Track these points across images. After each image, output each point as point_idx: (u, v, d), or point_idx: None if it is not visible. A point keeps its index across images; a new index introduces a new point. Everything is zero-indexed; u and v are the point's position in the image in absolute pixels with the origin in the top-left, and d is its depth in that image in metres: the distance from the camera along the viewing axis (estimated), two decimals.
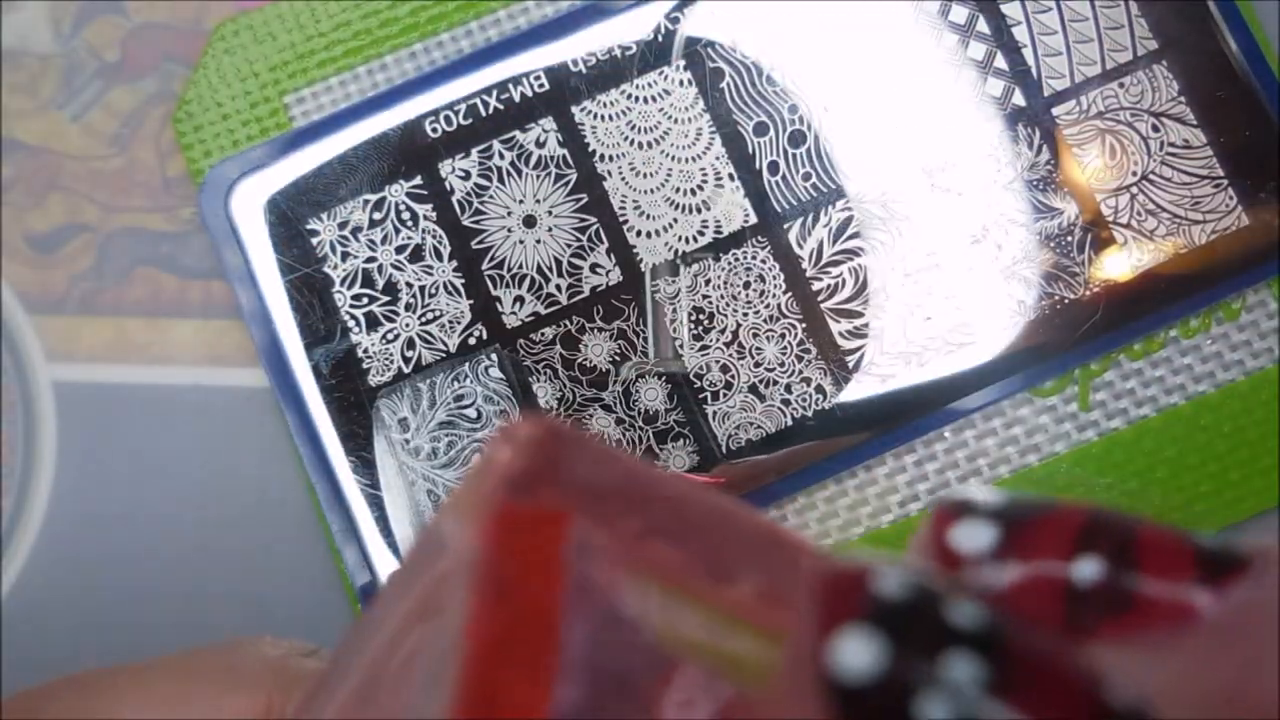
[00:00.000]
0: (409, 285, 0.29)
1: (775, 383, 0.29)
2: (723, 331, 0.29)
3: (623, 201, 0.29)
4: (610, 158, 0.29)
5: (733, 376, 0.29)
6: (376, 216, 0.29)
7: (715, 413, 0.28)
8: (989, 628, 0.08)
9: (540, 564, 0.11)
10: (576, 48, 0.30)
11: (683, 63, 0.30)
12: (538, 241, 0.29)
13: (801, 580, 0.10)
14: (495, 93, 0.29)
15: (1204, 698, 0.09)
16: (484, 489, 0.12)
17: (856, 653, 0.08)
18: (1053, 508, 0.10)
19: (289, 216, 0.29)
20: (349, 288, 0.29)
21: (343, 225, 0.29)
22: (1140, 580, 0.10)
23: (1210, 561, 0.10)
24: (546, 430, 0.12)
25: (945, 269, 0.29)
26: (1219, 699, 0.09)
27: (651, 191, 0.29)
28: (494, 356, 0.29)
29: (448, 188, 0.29)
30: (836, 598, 0.08)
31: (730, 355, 0.29)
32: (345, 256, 0.29)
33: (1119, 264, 0.29)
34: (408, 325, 0.29)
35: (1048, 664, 0.08)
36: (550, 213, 0.29)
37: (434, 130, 0.29)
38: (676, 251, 0.29)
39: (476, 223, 0.29)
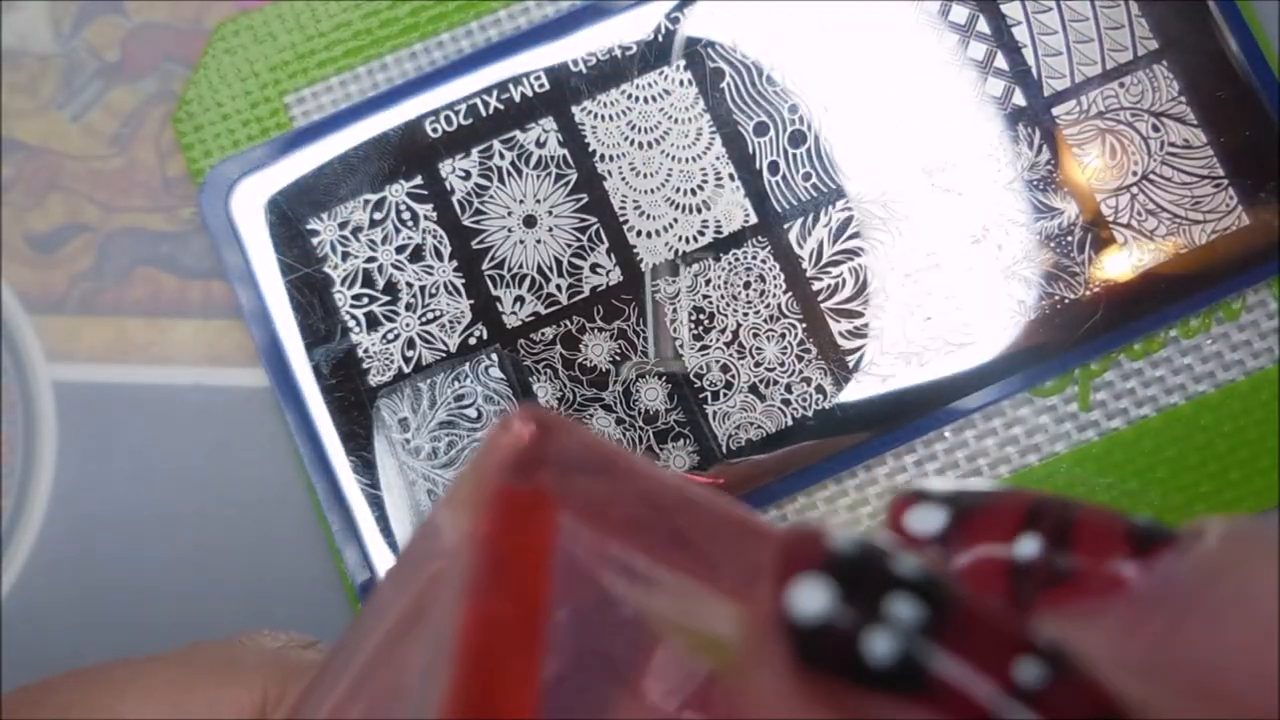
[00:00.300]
0: (409, 285, 0.29)
1: (775, 383, 0.29)
2: (723, 331, 0.29)
3: (623, 201, 0.29)
4: (610, 158, 0.29)
5: (733, 376, 0.29)
6: (377, 216, 0.29)
7: (715, 413, 0.28)
8: (929, 578, 0.09)
9: (533, 546, 0.12)
10: (577, 48, 0.30)
11: (683, 63, 0.30)
12: (538, 241, 0.29)
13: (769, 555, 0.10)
14: (495, 93, 0.29)
15: (1129, 658, 0.10)
16: (480, 476, 0.13)
17: (809, 597, 0.09)
18: (999, 495, 0.11)
19: (289, 216, 0.29)
20: (349, 288, 0.29)
21: (343, 225, 0.29)
22: (1075, 556, 0.10)
23: (1140, 538, 0.11)
24: (537, 420, 0.13)
25: (945, 269, 0.29)
26: (1143, 659, 0.10)
27: (652, 191, 0.29)
28: (494, 356, 0.29)
29: (448, 188, 0.29)
30: (794, 553, 0.09)
31: (730, 355, 0.29)
32: (345, 256, 0.29)
33: (1119, 264, 0.29)
34: (408, 325, 0.29)
35: (979, 610, 0.09)
36: (550, 213, 0.29)
37: (434, 130, 0.29)
38: (677, 251, 0.29)
39: (477, 223, 0.29)
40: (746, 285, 0.29)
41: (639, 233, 0.29)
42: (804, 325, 0.29)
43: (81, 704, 0.18)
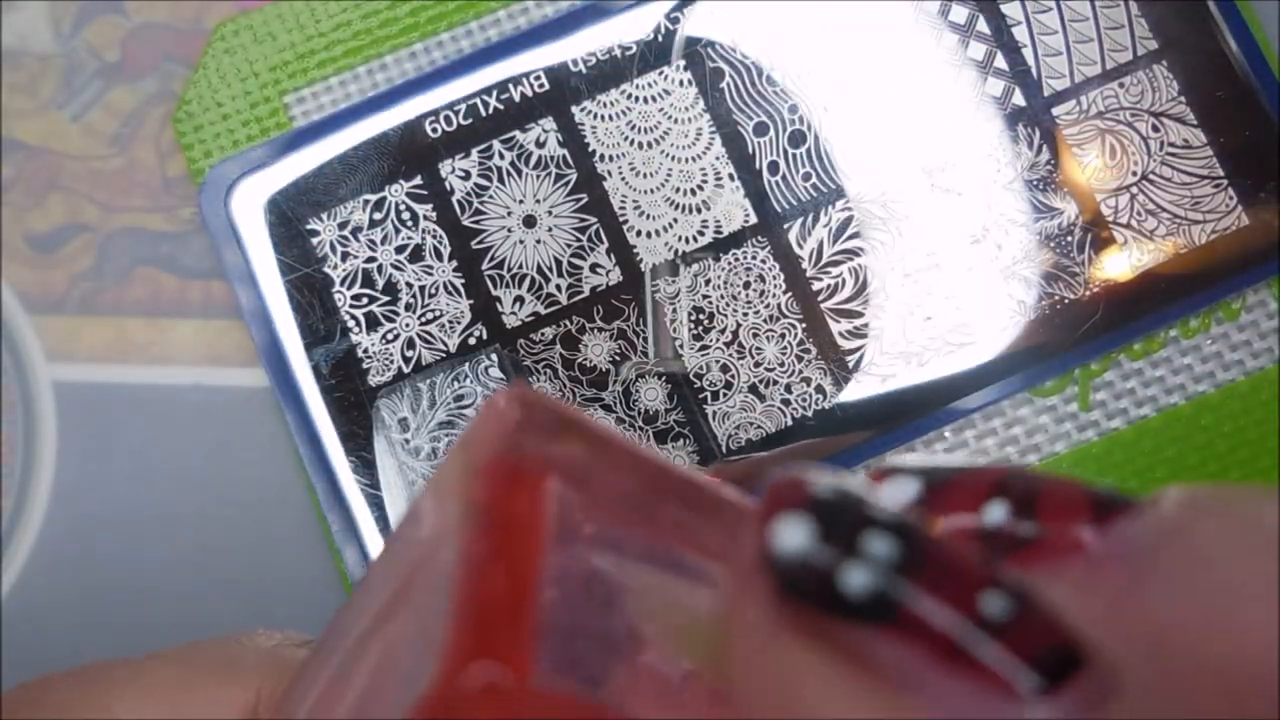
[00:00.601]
0: (409, 285, 0.29)
1: (775, 383, 0.29)
2: (723, 331, 0.29)
3: (623, 201, 0.29)
4: (610, 158, 0.29)
5: (733, 376, 0.29)
6: (376, 216, 0.29)
7: (715, 413, 0.28)
8: (902, 521, 0.10)
9: (526, 513, 0.12)
10: (576, 48, 0.30)
11: (683, 63, 0.30)
12: (538, 241, 0.29)
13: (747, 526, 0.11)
14: (495, 93, 0.29)
15: (1091, 617, 0.10)
16: (470, 454, 0.13)
17: (792, 534, 0.09)
18: (970, 470, 0.12)
19: (289, 216, 0.29)
20: (349, 288, 0.29)
21: (343, 225, 0.29)
22: (1039, 523, 0.11)
23: (1101, 504, 0.11)
24: (521, 397, 0.13)
25: (945, 269, 0.29)
26: (1103, 618, 0.10)
27: (651, 191, 0.29)
28: (494, 356, 0.29)
29: (448, 188, 0.29)
30: (778, 495, 0.10)
31: (730, 355, 0.29)
32: (345, 256, 0.29)
33: (1119, 264, 0.29)
34: (408, 325, 0.29)
35: (949, 550, 0.09)
36: (550, 213, 0.29)
37: (434, 130, 0.29)
38: (676, 251, 0.29)
39: (476, 223, 0.29)
40: (746, 285, 0.29)
41: (639, 233, 0.29)
42: (804, 325, 0.29)
43: (79, 704, 0.18)
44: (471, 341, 0.29)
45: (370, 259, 0.29)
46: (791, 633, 0.09)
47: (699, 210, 0.29)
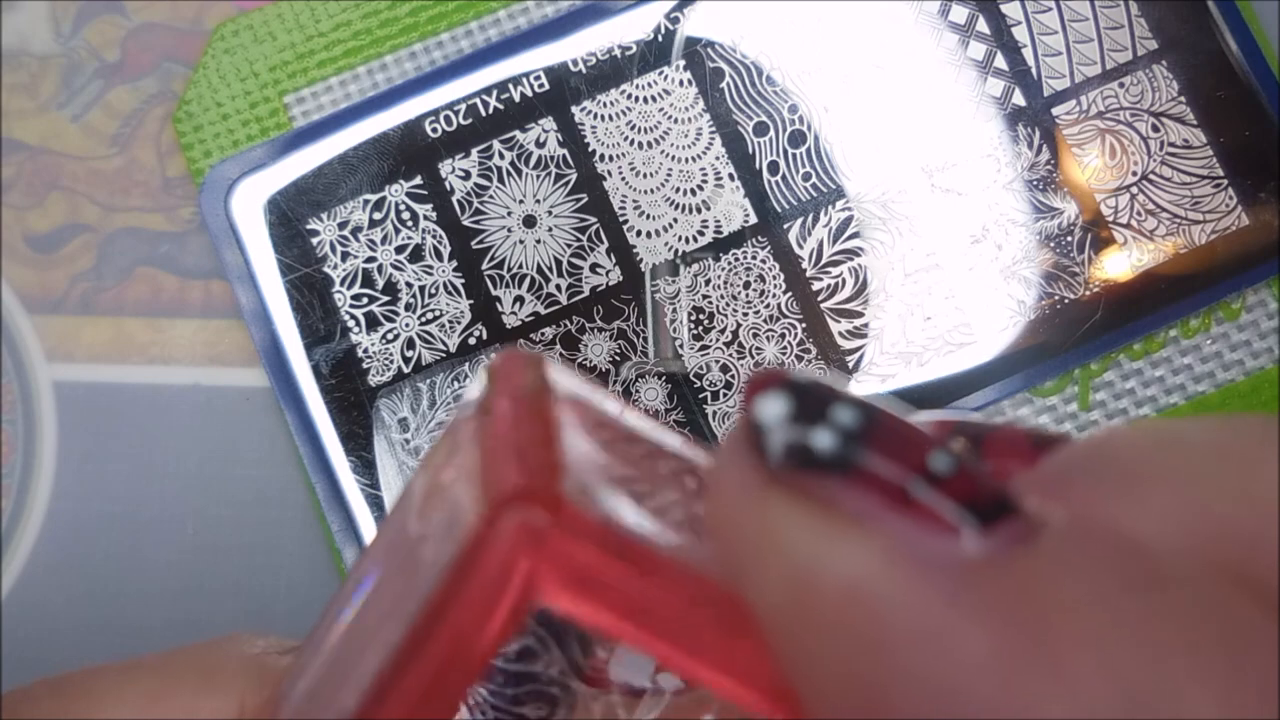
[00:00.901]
0: (409, 285, 0.29)
1: None
2: (723, 331, 0.29)
3: (623, 201, 0.29)
4: (610, 158, 0.29)
5: (733, 376, 0.29)
6: (376, 216, 0.29)
7: (715, 413, 0.28)
8: (865, 401, 0.11)
9: (539, 389, 0.14)
10: (576, 48, 0.30)
11: (683, 63, 0.30)
12: (538, 241, 0.29)
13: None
14: (495, 93, 0.29)
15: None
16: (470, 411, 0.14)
17: (771, 404, 0.11)
18: (925, 420, 0.14)
19: (289, 216, 0.29)
20: (349, 287, 0.29)
21: (343, 225, 0.29)
22: (986, 460, 0.13)
23: (1040, 441, 0.13)
24: (511, 357, 0.15)
25: (945, 269, 0.29)
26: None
27: (651, 191, 0.29)
28: (494, 356, 0.29)
29: (448, 187, 0.29)
30: (759, 379, 0.12)
31: (730, 355, 0.29)
32: (345, 256, 0.29)
33: (1119, 264, 0.29)
34: (408, 325, 0.29)
35: (904, 423, 0.11)
36: (550, 213, 0.29)
37: (434, 130, 0.29)
38: (676, 251, 0.29)
39: (476, 223, 0.29)
40: (746, 285, 0.29)
41: (639, 233, 0.29)
42: (804, 325, 0.29)
43: (60, 711, 0.18)
44: (471, 341, 0.29)
45: (370, 259, 0.29)
46: (769, 487, 0.11)
47: (699, 210, 0.29)
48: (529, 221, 0.29)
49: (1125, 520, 0.11)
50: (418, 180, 0.29)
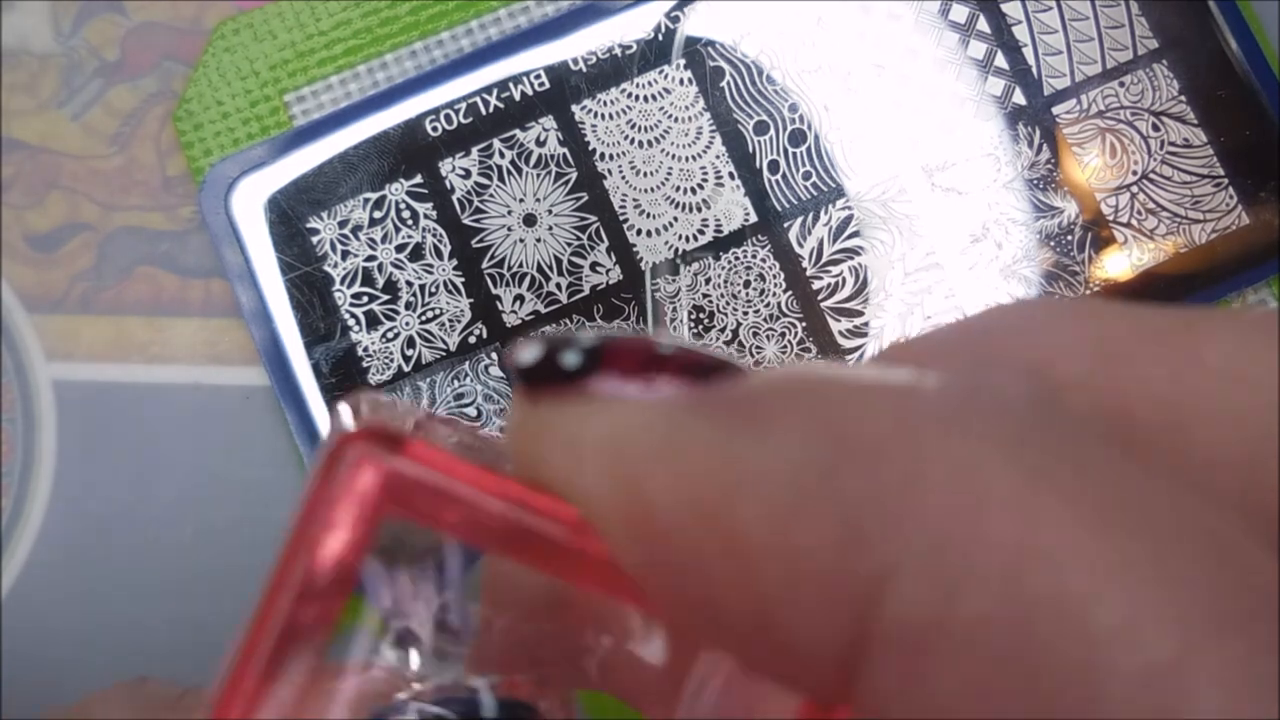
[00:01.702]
0: (409, 284, 0.29)
1: None
2: (723, 330, 0.29)
3: (623, 200, 0.29)
4: (610, 156, 0.29)
5: None
6: (377, 215, 0.29)
7: None
8: (601, 333, 0.14)
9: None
10: (577, 46, 0.30)
11: (683, 61, 0.30)
12: (538, 240, 0.29)
13: None
14: (495, 91, 0.29)
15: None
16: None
17: (526, 351, 0.14)
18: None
19: (289, 215, 0.29)
20: (349, 286, 0.29)
21: (343, 224, 0.29)
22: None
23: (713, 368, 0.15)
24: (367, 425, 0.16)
25: (945, 268, 0.29)
26: None
27: (652, 190, 0.29)
28: (494, 355, 0.29)
29: (448, 186, 0.29)
30: (518, 344, 0.14)
31: (730, 354, 0.29)
32: (345, 255, 0.29)
33: (1119, 263, 0.29)
34: (408, 324, 0.29)
35: (629, 337, 0.14)
36: (550, 211, 0.29)
37: (434, 129, 0.29)
38: (677, 250, 0.29)
39: (477, 221, 0.29)
40: (746, 284, 0.29)
41: (639, 231, 0.29)
42: (804, 324, 0.29)
43: None
44: (472, 340, 0.29)
45: (370, 257, 0.29)
46: (538, 403, 0.14)
47: (699, 209, 0.29)
48: (529, 220, 0.29)
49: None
50: (418, 179, 0.29)
